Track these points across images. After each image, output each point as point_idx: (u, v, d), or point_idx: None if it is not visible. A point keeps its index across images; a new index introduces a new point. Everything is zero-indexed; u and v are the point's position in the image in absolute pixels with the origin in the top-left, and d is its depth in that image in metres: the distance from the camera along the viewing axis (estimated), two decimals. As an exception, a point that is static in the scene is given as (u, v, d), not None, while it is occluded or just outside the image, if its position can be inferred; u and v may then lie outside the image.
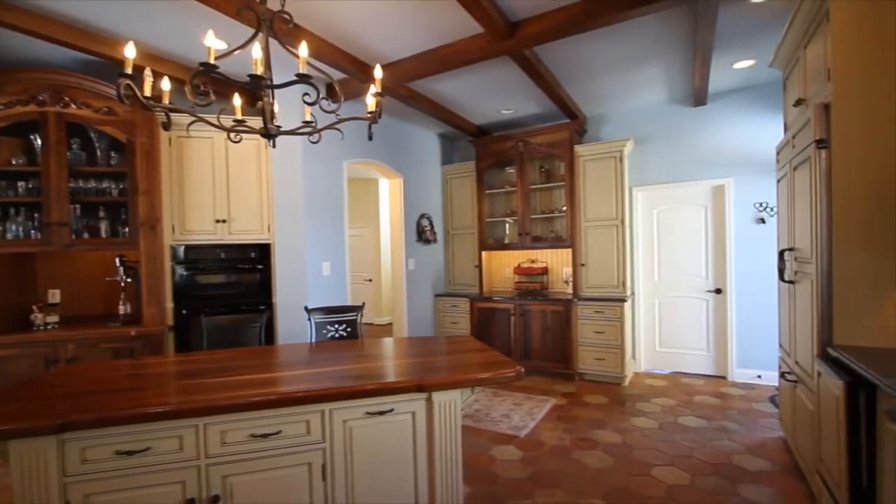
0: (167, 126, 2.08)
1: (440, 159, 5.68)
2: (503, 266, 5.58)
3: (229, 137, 2.35)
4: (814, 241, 2.19)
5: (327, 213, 3.91)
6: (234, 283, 3.62)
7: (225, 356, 2.32)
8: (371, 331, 7.92)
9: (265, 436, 1.63)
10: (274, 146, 2.32)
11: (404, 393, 1.73)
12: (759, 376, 4.26)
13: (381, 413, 1.74)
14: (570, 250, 4.92)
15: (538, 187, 5.08)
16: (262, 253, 3.66)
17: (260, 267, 3.66)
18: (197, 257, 3.54)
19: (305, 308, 2.95)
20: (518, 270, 5.30)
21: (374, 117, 2.20)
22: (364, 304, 3.18)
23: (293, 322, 3.62)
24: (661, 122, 4.72)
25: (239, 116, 2.38)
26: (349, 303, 4.10)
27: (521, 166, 5.02)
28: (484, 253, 5.39)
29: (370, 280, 8.35)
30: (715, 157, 4.46)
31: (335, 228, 3.98)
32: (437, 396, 1.77)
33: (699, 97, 4.35)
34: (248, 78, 1.76)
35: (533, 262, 5.35)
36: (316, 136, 2.52)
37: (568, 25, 2.85)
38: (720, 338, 4.50)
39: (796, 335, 2.56)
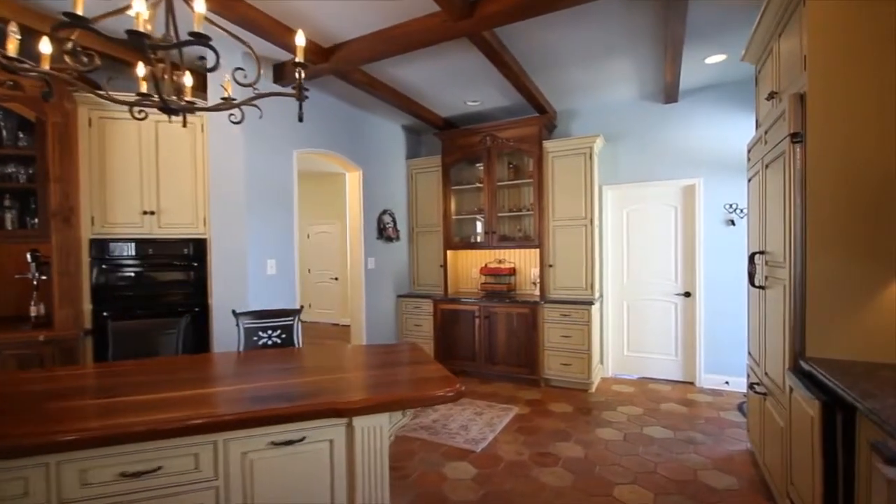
0: (48, 96, 1.74)
1: (405, 153, 5.39)
2: (470, 266, 5.34)
3: (132, 114, 2.01)
4: (787, 243, 2.01)
5: (274, 207, 3.58)
6: (165, 283, 3.25)
7: (124, 369, 1.99)
8: (334, 332, 7.58)
9: (140, 474, 1.33)
10: (184, 125, 2.00)
11: (319, 418, 1.45)
12: (727, 382, 4.15)
13: (290, 443, 1.46)
14: (537, 250, 4.72)
15: (506, 184, 4.86)
16: (197, 249, 3.31)
17: (194, 265, 3.30)
18: (121, 253, 3.16)
19: (233, 312, 2.63)
20: (484, 271, 5.07)
21: (300, 93, 1.90)
22: (302, 307, 2.87)
23: (230, 326, 3.27)
24: (632, 119, 4.56)
25: (144, 89, 2.04)
26: (297, 305, 3.78)
27: (488, 162, 4.78)
28: (450, 252, 5.13)
29: (336, 279, 8.00)
30: (685, 155, 4.33)
31: (283, 223, 3.65)
32: (360, 422, 1.50)
33: (670, 94, 4.20)
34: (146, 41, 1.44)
35: (500, 262, 5.12)
36: (237, 114, 2.20)
37: (530, 5, 2.61)
38: (688, 343, 4.37)
39: (766, 344, 2.39)
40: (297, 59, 1.79)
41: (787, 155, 2.00)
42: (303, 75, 1.83)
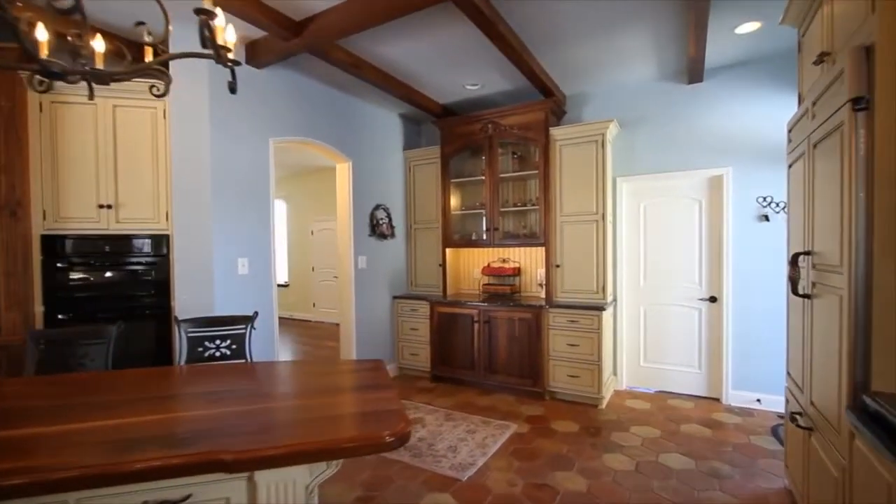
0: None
1: (402, 143, 5.02)
2: (472, 266, 4.94)
3: (30, 84, 1.69)
4: (844, 244, 1.55)
5: (247, 200, 3.26)
6: (123, 284, 2.97)
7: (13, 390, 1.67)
8: (337, 332, 7.29)
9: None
10: (91, 97, 1.67)
11: (198, 473, 1.09)
12: (759, 401, 3.64)
13: (168, 504, 1.10)
14: (543, 249, 4.29)
15: (510, 176, 4.43)
16: (158, 247, 3.01)
17: (155, 264, 3.01)
18: (75, 251, 2.89)
19: (175, 318, 2.31)
20: (486, 271, 4.66)
21: (224, 56, 1.55)
22: (257, 313, 2.53)
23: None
24: (650, 103, 4.07)
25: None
26: (274, 308, 3.46)
27: (490, 152, 4.36)
28: (449, 251, 4.74)
29: (336, 277, 7.69)
30: (712, 142, 3.82)
31: (257, 218, 3.33)
32: (265, 477, 1.13)
33: (695, 72, 3.70)
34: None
35: (504, 261, 4.71)
36: (160, 87, 1.86)
37: (523, -43, 2.19)
38: (714, 354, 3.87)
39: (813, 367, 1.93)
40: (203, 7, 1.42)
41: (846, 128, 1.54)
42: (216, 28, 1.46)
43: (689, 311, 3.98)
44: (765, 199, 3.61)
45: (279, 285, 9.02)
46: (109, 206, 2.91)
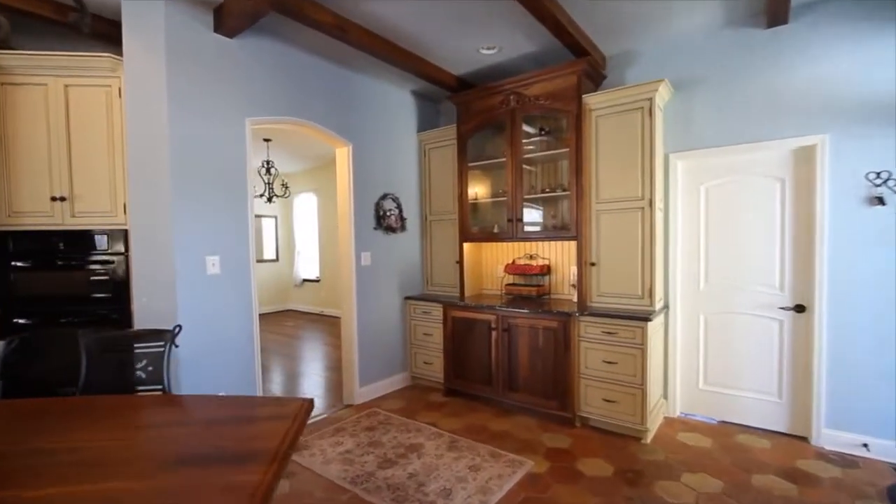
0: None
1: (416, 125, 4.45)
2: (494, 262, 4.30)
3: None
4: None
5: (217, 190, 2.85)
6: (79, 285, 2.66)
7: None
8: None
9: None
10: None
11: None
12: (867, 446, 2.73)
13: None
14: (574, 243, 3.57)
15: (536, 156, 3.73)
16: (115, 243, 2.68)
17: (112, 262, 2.68)
18: (28, 249, 2.61)
19: (78, 333, 1.90)
20: (510, 269, 4.01)
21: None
22: (179, 327, 2.07)
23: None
24: (714, 56, 3.20)
25: None
26: (253, 314, 3.05)
27: (512, 128, 3.69)
28: (467, 246, 4.13)
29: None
30: (800, 103, 2.91)
31: (231, 210, 2.92)
32: None
33: (777, 11, 2.81)
34: None
35: (532, 258, 4.03)
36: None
37: None
38: (800, 379, 2.99)
39: None
40: None
41: None
42: None
43: (767, 323, 3.10)
44: (878, 174, 2.67)
45: (309, 280, 8.85)
46: (63, 199, 2.60)
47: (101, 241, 2.66)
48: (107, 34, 2.70)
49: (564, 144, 3.52)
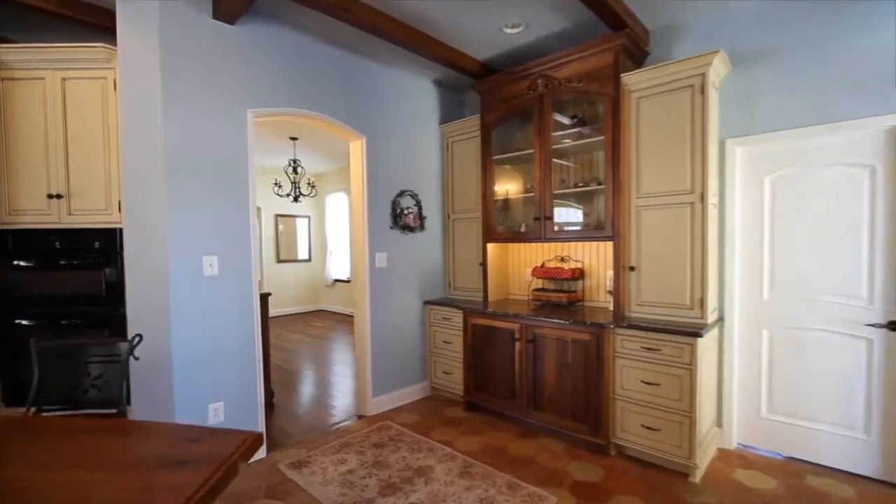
0: None
1: (438, 117, 4.15)
2: (522, 265, 3.93)
3: None
4: None
5: (216, 186, 2.68)
6: (75, 287, 2.57)
7: None
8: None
9: None
10: None
11: None
12: None
13: None
14: (611, 244, 3.14)
15: (568, 146, 3.33)
16: (110, 243, 2.56)
17: (108, 263, 2.56)
18: (25, 248, 2.55)
19: (32, 343, 1.74)
20: (538, 272, 3.62)
21: None
22: (138, 337, 1.86)
23: (154, 345, 2.47)
24: (784, 20, 2.68)
25: None
26: (254, 319, 2.86)
27: (541, 116, 3.31)
28: (492, 246, 3.78)
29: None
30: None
31: (231, 207, 2.74)
32: None
33: (868, -43, 2.27)
34: None
35: (563, 260, 3.62)
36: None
37: None
38: (894, 411, 2.42)
39: None
40: None
41: None
42: None
43: (850, 342, 2.55)
44: None
45: (340, 281, 8.78)
46: (59, 196, 2.51)
47: (95, 240, 2.55)
48: (104, 26, 2.59)
49: (600, 132, 3.10)
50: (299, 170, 6.09)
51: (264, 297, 3.80)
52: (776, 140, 2.73)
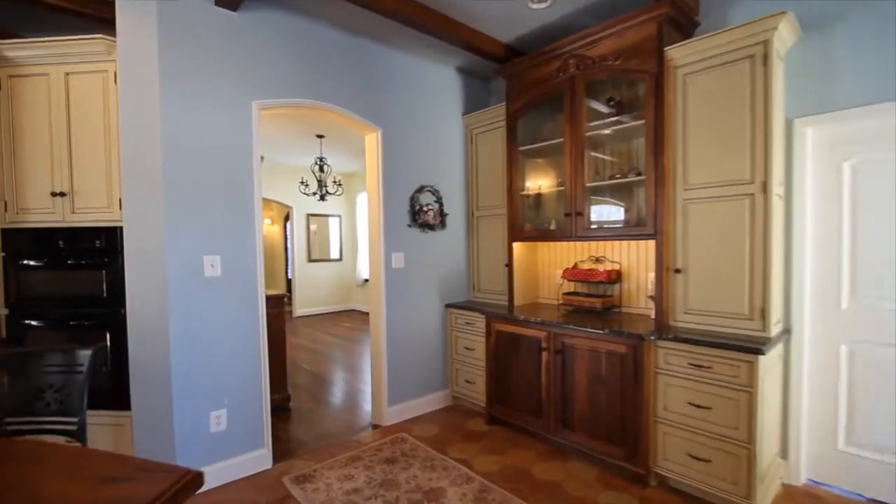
0: None
1: (462, 107, 3.88)
2: (552, 266, 3.59)
3: None
4: None
5: (218, 182, 2.54)
6: (77, 287, 2.50)
7: None
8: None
9: None
10: None
11: None
12: None
13: None
14: (653, 243, 2.77)
15: (603, 133, 2.97)
16: (111, 242, 2.47)
17: (109, 263, 2.48)
18: (31, 247, 2.50)
19: None
20: (569, 274, 3.28)
21: None
22: (102, 347, 1.70)
23: (152, 349, 2.36)
24: (870, -27, 2.22)
25: None
26: (260, 320, 2.70)
27: (573, 101, 2.97)
28: (518, 246, 3.47)
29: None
30: None
31: (234, 206, 2.60)
32: None
33: None
34: None
35: (598, 261, 3.26)
36: None
37: None
38: None
39: None
40: None
41: None
42: None
43: (958, 364, 2.06)
44: None
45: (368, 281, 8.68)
46: (63, 194, 2.45)
47: (96, 239, 2.46)
48: (106, 18, 2.50)
49: (639, 116, 2.73)
50: (325, 168, 5.99)
51: (279, 298, 3.68)
52: (859, 118, 2.26)
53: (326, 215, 9.00)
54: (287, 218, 9.91)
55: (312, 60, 2.91)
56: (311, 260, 8.71)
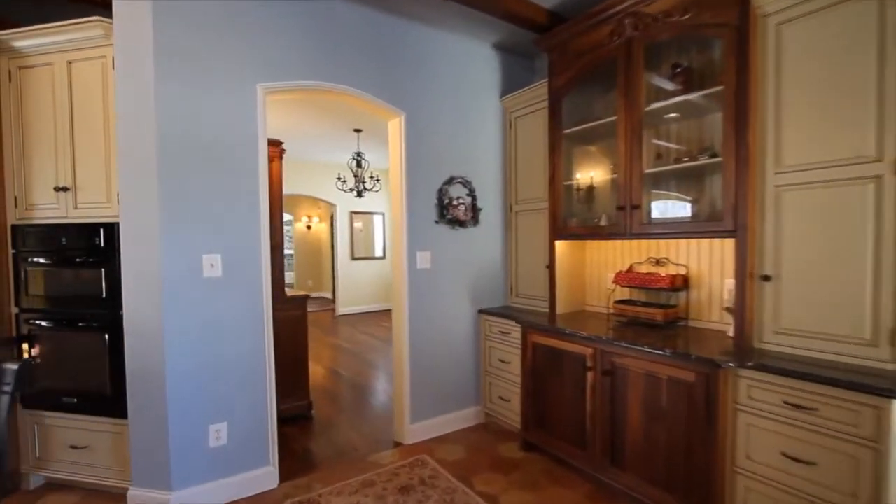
0: None
1: (500, 88, 3.45)
2: (603, 268, 3.07)
3: None
4: None
5: (219, 173, 2.32)
6: (78, 285, 2.37)
7: None
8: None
9: None
10: None
11: None
12: None
13: None
14: (731, 242, 2.21)
15: (667, 107, 2.42)
16: (109, 238, 2.31)
17: (106, 260, 2.32)
18: (35, 244, 2.42)
19: None
20: (621, 279, 2.76)
21: None
22: (26, 364, 1.46)
23: (147, 357, 2.18)
24: None
25: None
26: (266, 325, 2.45)
27: (627, 70, 2.46)
28: (561, 245, 2.99)
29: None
30: None
31: (237, 199, 2.37)
32: None
33: None
34: None
35: (658, 263, 2.71)
36: None
37: None
38: None
39: None
40: None
41: None
42: None
43: None
44: None
45: (413, 279, 8.43)
46: (66, 189, 2.33)
47: (94, 236, 2.32)
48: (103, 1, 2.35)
49: (715, 82, 2.17)
50: (363, 163, 5.78)
51: (302, 300, 3.47)
52: None
53: (371, 213, 8.88)
54: (332, 216, 9.93)
55: (325, 37, 2.62)
56: (354, 258, 8.63)
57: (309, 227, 10.87)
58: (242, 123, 2.37)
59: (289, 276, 13.04)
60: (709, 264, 2.49)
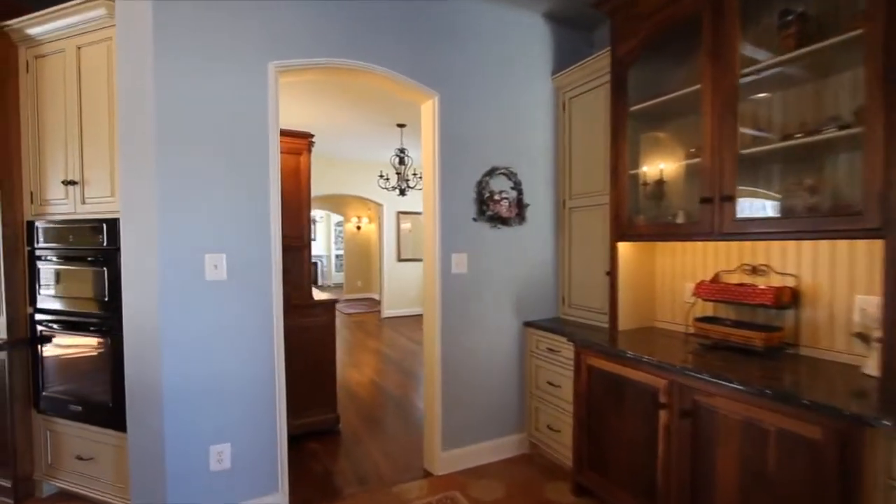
0: None
1: (551, 65, 2.98)
2: (680, 277, 2.50)
3: None
4: None
5: (226, 164, 2.07)
6: (82, 286, 2.22)
7: None
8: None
9: None
10: None
11: None
12: None
13: None
14: (873, 245, 1.60)
15: (771, 69, 1.85)
16: (112, 235, 2.13)
17: (109, 259, 2.15)
18: (45, 241, 2.30)
19: None
20: (705, 291, 2.19)
21: None
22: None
23: (144, 367, 1.96)
24: None
25: None
26: (275, 334, 2.17)
27: (714, 27, 1.92)
28: (624, 247, 2.47)
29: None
30: None
31: (245, 193, 2.11)
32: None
33: None
34: None
35: (755, 271, 2.12)
36: None
37: None
38: None
39: None
40: None
41: None
42: None
43: None
44: None
45: (460, 282, 8.06)
46: (74, 183, 2.19)
47: (98, 233, 2.16)
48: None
49: (849, 27, 1.58)
50: (406, 160, 5.49)
51: (330, 304, 3.20)
52: None
53: (419, 213, 8.62)
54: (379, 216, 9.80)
55: (347, 10, 2.30)
56: (400, 259, 8.41)
57: (359, 228, 10.85)
58: (252, 107, 2.11)
59: (338, 277, 13.18)
60: (829, 274, 1.88)
